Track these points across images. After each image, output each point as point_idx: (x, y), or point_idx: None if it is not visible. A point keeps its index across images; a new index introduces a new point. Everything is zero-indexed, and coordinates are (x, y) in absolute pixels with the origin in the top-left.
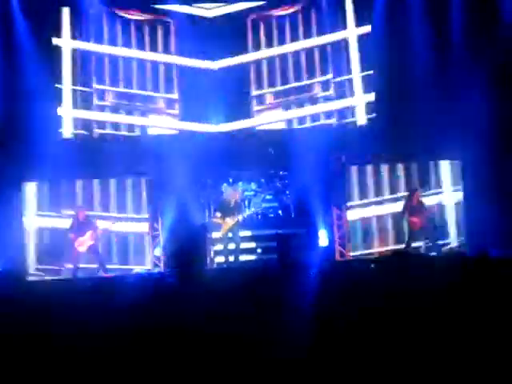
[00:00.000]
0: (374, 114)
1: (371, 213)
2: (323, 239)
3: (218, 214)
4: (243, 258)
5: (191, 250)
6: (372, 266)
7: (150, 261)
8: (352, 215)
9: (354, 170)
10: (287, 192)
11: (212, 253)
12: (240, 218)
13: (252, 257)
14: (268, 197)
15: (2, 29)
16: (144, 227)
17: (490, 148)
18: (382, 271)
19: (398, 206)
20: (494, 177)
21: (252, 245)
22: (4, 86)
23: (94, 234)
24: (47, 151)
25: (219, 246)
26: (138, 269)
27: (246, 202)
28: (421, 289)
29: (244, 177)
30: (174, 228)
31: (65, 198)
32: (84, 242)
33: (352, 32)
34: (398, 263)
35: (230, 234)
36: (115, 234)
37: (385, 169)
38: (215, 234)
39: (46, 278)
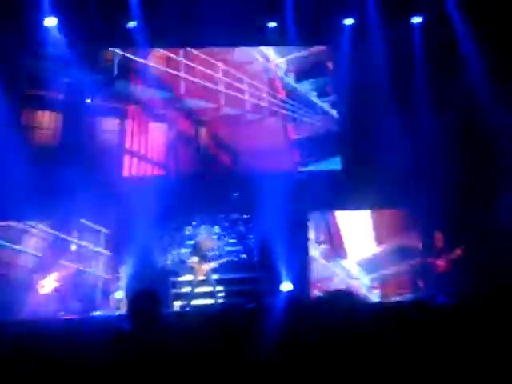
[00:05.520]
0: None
1: None
2: (287, 284)
3: (196, 259)
4: (203, 301)
5: (150, 294)
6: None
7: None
8: None
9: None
10: (251, 236)
11: (173, 296)
12: (216, 264)
13: (211, 300)
14: (231, 240)
15: None
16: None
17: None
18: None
19: None
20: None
21: (210, 288)
22: None
23: (59, 275)
24: None
25: (185, 289)
26: (99, 312)
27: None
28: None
29: (207, 220)
30: (136, 271)
31: None
32: (47, 284)
33: None
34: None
35: (203, 278)
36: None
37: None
38: (187, 277)
39: None
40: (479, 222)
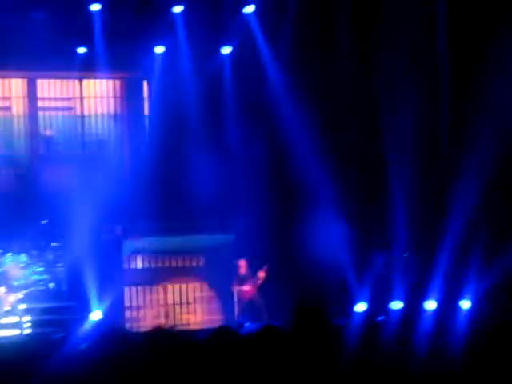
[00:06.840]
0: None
1: None
2: (96, 313)
3: (2, 289)
4: (9, 332)
5: None
6: None
7: None
8: None
9: None
10: (59, 264)
11: None
12: (22, 294)
13: (17, 331)
14: (39, 269)
15: None
16: None
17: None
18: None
19: None
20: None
21: (16, 319)
22: None
23: None
24: None
25: None
26: None
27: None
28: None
29: (14, 248)
30: None
31: None
32: None
33: None
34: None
35: (9, 308)
36: None
37: None
38: None
39: None
40: (283, 247)
